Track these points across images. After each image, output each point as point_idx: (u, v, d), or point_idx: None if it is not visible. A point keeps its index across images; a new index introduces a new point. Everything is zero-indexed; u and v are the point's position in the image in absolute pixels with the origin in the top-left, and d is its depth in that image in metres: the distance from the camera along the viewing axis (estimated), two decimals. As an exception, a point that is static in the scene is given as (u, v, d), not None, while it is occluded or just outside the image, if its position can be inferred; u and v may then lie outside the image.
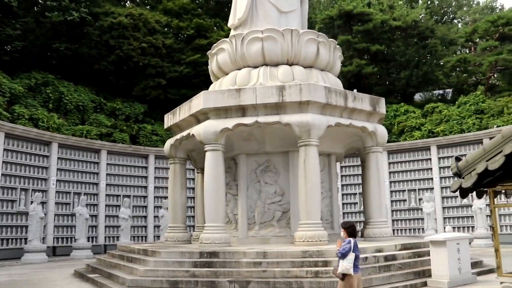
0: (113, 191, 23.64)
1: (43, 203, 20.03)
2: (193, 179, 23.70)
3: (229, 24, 13.03)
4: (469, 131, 24.74)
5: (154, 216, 24.52)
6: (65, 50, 26.94)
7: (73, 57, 27.74)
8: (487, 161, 6.88)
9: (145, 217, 24.57)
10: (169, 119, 12.92)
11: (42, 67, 25.80)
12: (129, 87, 29.05)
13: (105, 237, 22.95)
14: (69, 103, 24.55)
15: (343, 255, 5.94)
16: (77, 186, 22.16)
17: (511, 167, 6.83)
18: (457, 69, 33.92)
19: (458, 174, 7.40)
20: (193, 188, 23.57)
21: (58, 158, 21.33)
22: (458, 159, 7.51)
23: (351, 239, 6.08)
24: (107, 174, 23.30)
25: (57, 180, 21.13)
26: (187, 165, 14.05)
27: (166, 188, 24.19)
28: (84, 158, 22.57)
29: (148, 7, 34.63)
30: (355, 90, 11.94)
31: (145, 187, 24.79)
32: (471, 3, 54.42)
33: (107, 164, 23.36)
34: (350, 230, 6.18)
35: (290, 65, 11.56)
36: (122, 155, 24.16)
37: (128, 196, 23.64)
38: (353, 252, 5.94)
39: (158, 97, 28.97)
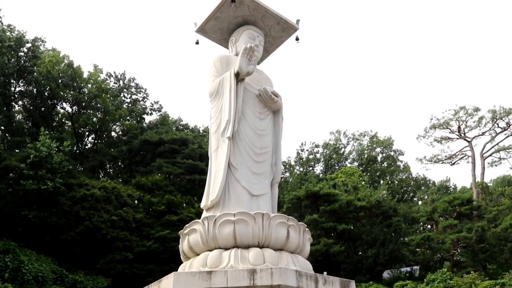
0: None
1: None
2: None
3: (202, 205, 13.43)
4: (440, 310, 24.47)
5: None
6: (33, 218, 26.75)
7: (40, 225, 27.44)
8: None
9: None
10: (136, 300, 12.49)
11: (6, 234, 25.26)
12: (94, 259, 28.36)
13: None
14: (27, 273, 23.60)
15: None
16: None
17: None
18: (422, 246, 34.74)
19: None
20: None
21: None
22: None
23: None
24: None
25: None
26: None
27: None
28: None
29: (121, 180, 35.64)
30: (325, 273, 12.03)
31: None
32: (428, 183, 58.18)
33: None
34: None
35: (261, 247, 11.74)
36: (78, 335, 22.49)
37: None
38: None
39: (124, 271, 28.19)
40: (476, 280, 25.96)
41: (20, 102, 36.63)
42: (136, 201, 31.80)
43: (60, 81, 36.42)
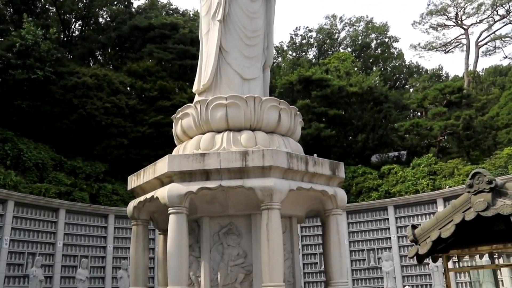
0: (71, 251, 23.00)
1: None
2: (154, 239, 23.41)
3: (193, 90, 13.47)
4: (423, 191, 25.82)
5: (113, 277, 23.85)
6: (27, 108, 26.77)
7: (34, 115, 27.55)
8: (440, 229, 7.41)
9: (103, 278, 23.87)
10: (133, 181, 12.93)
11: (1, 124, 25.46)
12: (90, 146, 28.91)
13: (60, 300, 22.09)
14: (28, 160, 24.17)
15: None
16: (32, 246, 21.46)
17: (461, 234, 7.39)
18: (411, 132, 35.61)
19: (414, 241, 7.89)
20: (153, 248, 23.23)
21: (14, 216, 20.74)
22: (414, 227, 8.01)
23: None
24: (64, 234, 22.74)
25: (10, 240, 20.43)
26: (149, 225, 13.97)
27: (126, 248, 23.73)
28: (41, 217, 22.04)
29: (112, 67, 35.12)
30: (315, 155, 12.45)
31: (104, 247, 24.22)
32: (420, 70, 57.96)
33: (65, 223, 22.85)
34: None
35: (253, 130, 11.99)
36: (81, 214, 23.72)
37: (86, 257, 23.05)
38: None
39: (120, 156, 28.92)
40: (459, 165, 27.07)
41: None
42: (128, 88, 31.69)
43: (39, -39, 34.32)
